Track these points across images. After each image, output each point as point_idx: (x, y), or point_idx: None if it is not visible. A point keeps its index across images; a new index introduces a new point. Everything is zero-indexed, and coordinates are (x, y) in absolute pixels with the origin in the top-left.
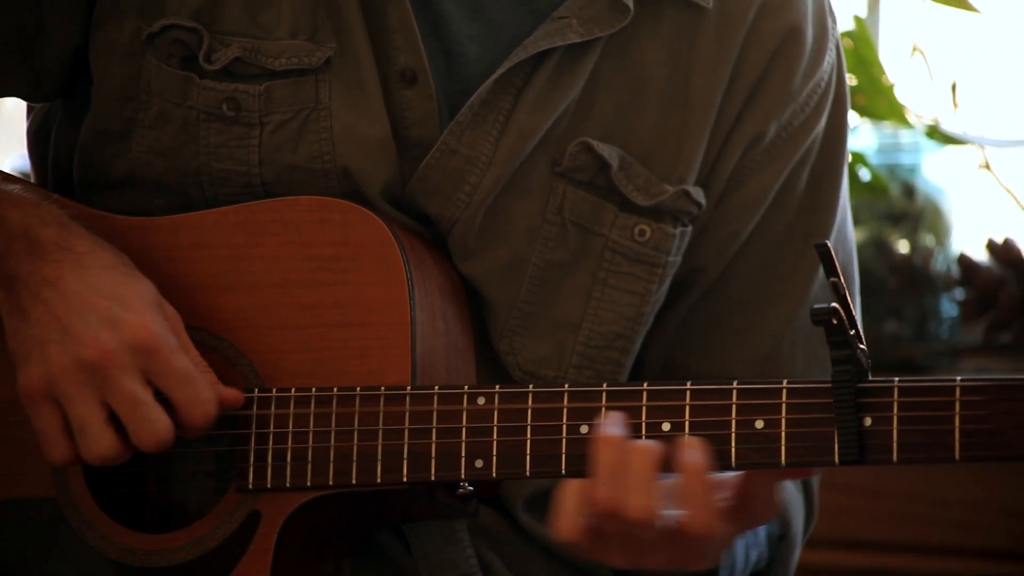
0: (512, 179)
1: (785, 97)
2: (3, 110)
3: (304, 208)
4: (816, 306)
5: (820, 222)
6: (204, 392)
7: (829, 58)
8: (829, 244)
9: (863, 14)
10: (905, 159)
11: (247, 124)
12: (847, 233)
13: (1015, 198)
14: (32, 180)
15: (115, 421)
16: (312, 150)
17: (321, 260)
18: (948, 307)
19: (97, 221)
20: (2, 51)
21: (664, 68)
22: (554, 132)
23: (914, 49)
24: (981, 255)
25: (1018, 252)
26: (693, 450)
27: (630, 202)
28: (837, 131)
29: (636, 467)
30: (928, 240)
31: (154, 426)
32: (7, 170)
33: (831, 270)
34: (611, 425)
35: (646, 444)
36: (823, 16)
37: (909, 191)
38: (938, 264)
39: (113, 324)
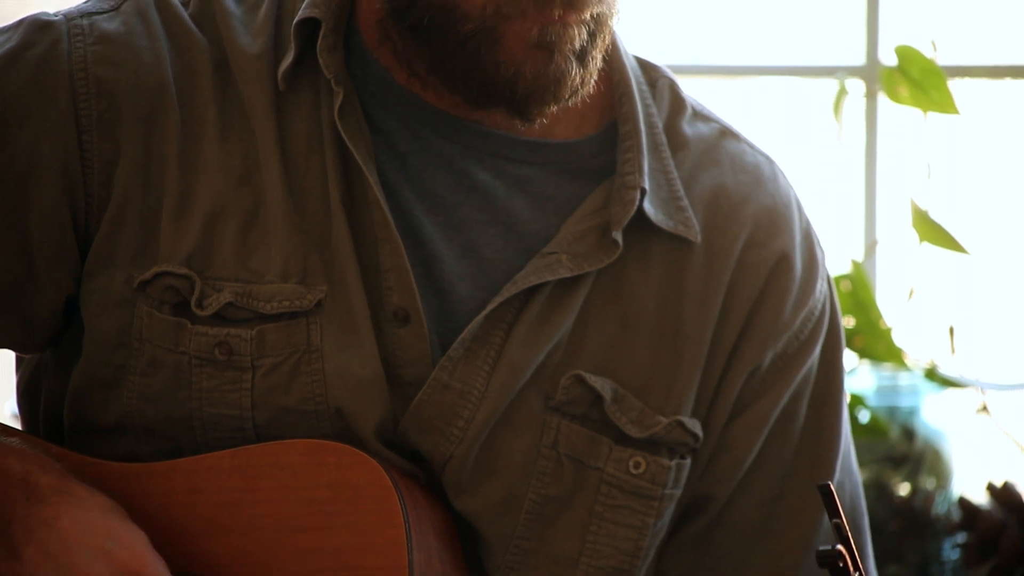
0: (505, 414)
1: (779, 326)
2: (5, 353)
3: (299, 451)
4: (821, 548)
5: (824, 451)
6: None
7: (821, 287)
8: (831, 484)
9: (860, 258)
10: (904, 401)
11: (239, 368)
12: (852, 464)
13: (1015, 441)
14: (21, 429)
15: None
16: (304, 392)
17: (317, 504)
18: (950, 551)
19: (91, 468)
20: None
21: (654, 301)
22: (546, 366)
23: (911, 293)
24: (982, 498)
25: (1019, 496)
26: None
27: (625, 435)
28: (833, 361)
29: None
30: (929, 483)
31: None
32: (5, 413)
33: (833, 511)
34: None
35: None
36: (811, 246)
37: (909, 434)
38: (939, 507)
39: (107, 557)
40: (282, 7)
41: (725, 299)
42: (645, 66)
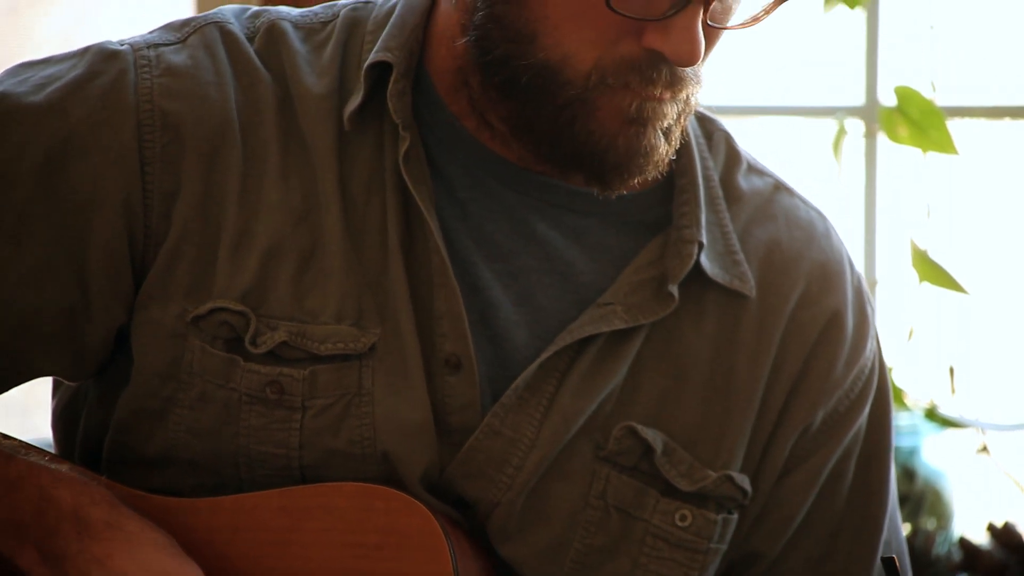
0: (555, 463)
1: (830, 385)
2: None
3: (348, 494)
4: None
5: (872, 510)
6: None
7: (871, 345)
8: (895, 557)
9: None
10: (904, 442)
11: (289, 408)
12: (898, 522)
13: (1016, 482)
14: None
15: None
16: (353, 435)
17: (365, 548)
18: None
19: (133, 501)
20: (48, 330)
21: (707, 354)
22: (598, 416)
23: (910, 333)
24: (983, 539)
25: (1019, 537)
26: None
27: (673, 487)
28: (882, 419)
29: None
30: (929, 524)
31: None
32: None
33: None
34: None
35: None
36: (863, 304)
37: (909, 474)
38: (940, 548)
39: None
40: (348, 48)
41: (777, 356)
42: (702, 118)
